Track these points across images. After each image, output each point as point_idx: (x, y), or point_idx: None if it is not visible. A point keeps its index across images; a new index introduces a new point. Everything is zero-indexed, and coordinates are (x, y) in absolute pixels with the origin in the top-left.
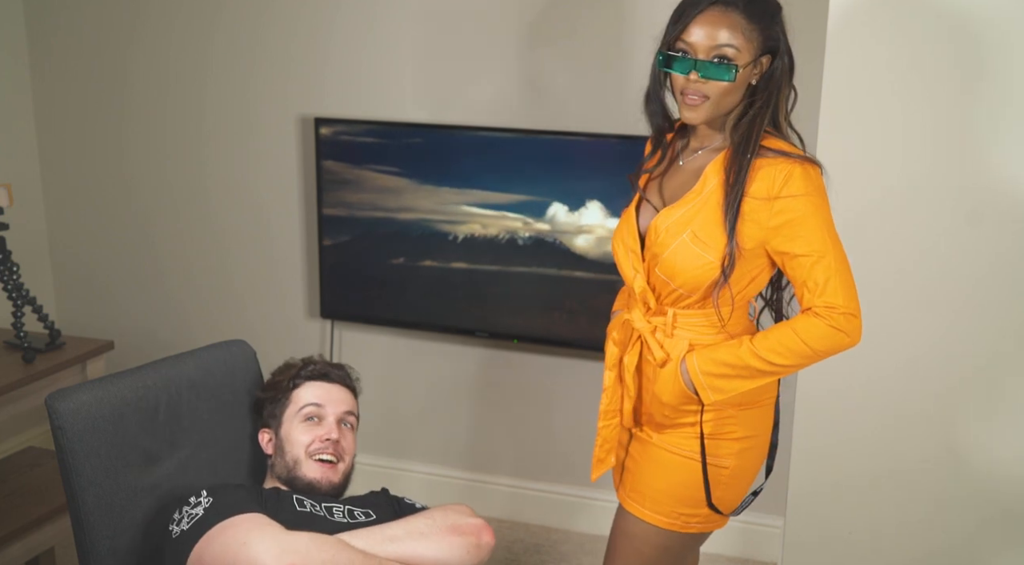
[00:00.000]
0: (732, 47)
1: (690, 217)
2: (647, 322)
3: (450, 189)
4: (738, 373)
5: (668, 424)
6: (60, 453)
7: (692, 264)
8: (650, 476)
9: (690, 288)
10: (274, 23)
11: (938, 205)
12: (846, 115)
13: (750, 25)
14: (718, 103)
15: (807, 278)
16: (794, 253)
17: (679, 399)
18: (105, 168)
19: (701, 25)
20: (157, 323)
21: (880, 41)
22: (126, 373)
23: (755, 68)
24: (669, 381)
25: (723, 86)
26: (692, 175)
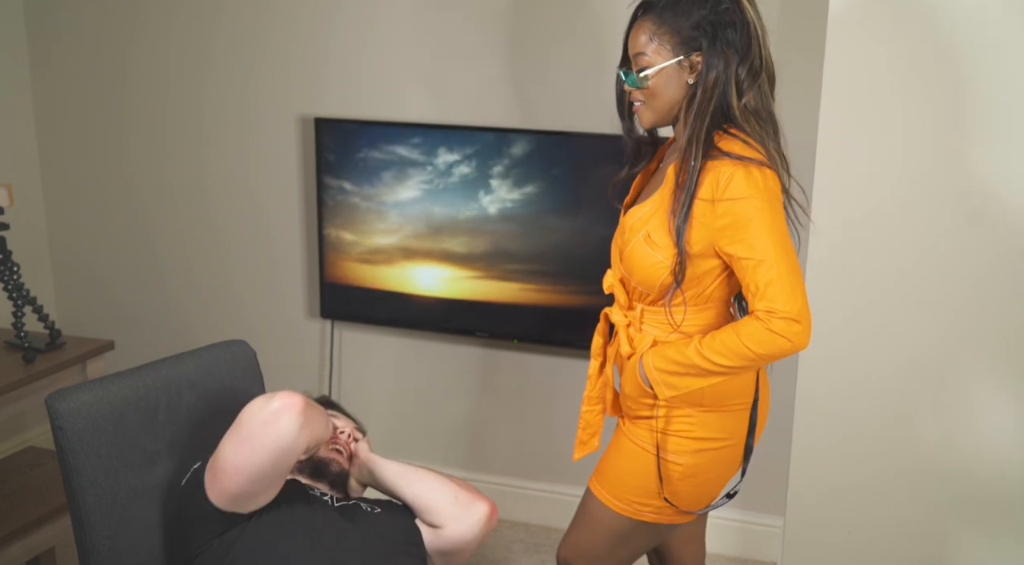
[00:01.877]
0: (643, 55)
1: (647, 217)
2: (623, 316)
3: (450, 189)
4: (687, 371)
5: (631, 415)
6: (60, 453)
7: (643, 263)
8: (614, 460)
9: (646, 286)
10: (274, 23)
11: (938, 205)
12: (846, 115)
13: (660, 29)
14: (653, 107)
15: (749, 281)
16: (737, 256)
17: (637, 392)
18: (105, 168)
19: (630, 38)
20: (157, 323)
21: (880, 41)
22: (126, 373)
23: (683, 68)
24: (631, 374)
25: (646, 91)
26: (659, 180)
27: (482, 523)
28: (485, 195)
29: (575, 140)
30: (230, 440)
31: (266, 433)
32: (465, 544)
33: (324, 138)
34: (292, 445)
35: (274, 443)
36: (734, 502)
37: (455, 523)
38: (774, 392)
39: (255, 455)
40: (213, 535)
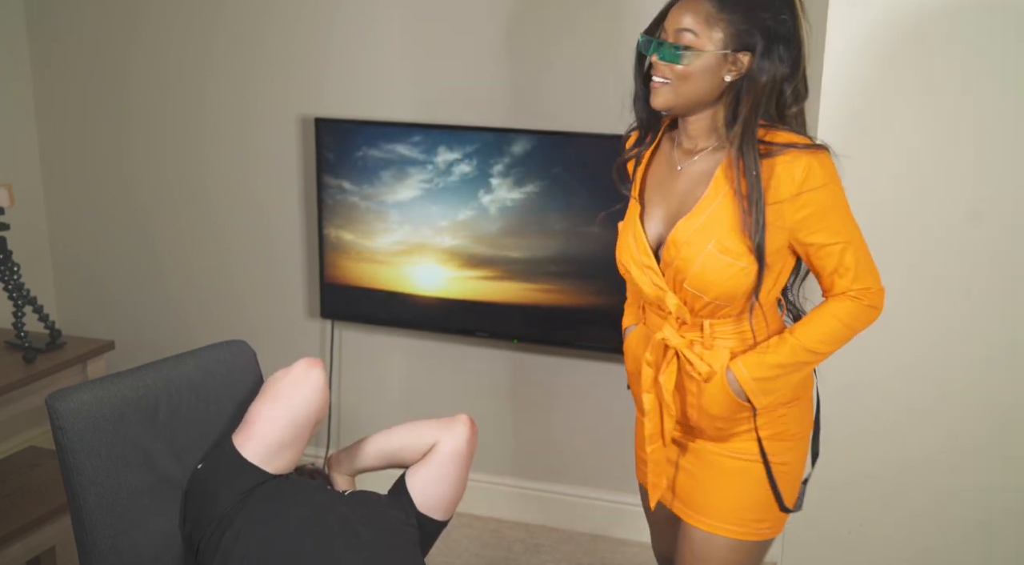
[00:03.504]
0: (690, 32)
1: (709, 226)
2: (682, 337)
3: (450, 188)
4: (787, 371)
5: (723, 436)
6: (61, 453)
7: (724, 275)
8: (715, 487)
9: (727, 299)
10: (274, 23)
11: (938, 205)
12: (846, 115)
13: (719, 15)
14: (676, 89)
15: (838, 265)
16: (821, 243)
17: (730, 410)
18: (106, 168)
19: (674, 10)
20: (157, 323)
21: (880, 41)
22: (126, 373)
23: (727, 62)
24: (717, 394)
25: (679, 70)
26: (697, 181)
27: (468, 424)
28: (485, 194)
29: (576, 139)
30: (264, 399)
31: (298, 386)
32: (463, 448)
33: (324, 137)
34: (322, 396)
35: (308, 393)
36: None
37: (448, 433)
38: None
39: (290, 406)
40: (236, 493)
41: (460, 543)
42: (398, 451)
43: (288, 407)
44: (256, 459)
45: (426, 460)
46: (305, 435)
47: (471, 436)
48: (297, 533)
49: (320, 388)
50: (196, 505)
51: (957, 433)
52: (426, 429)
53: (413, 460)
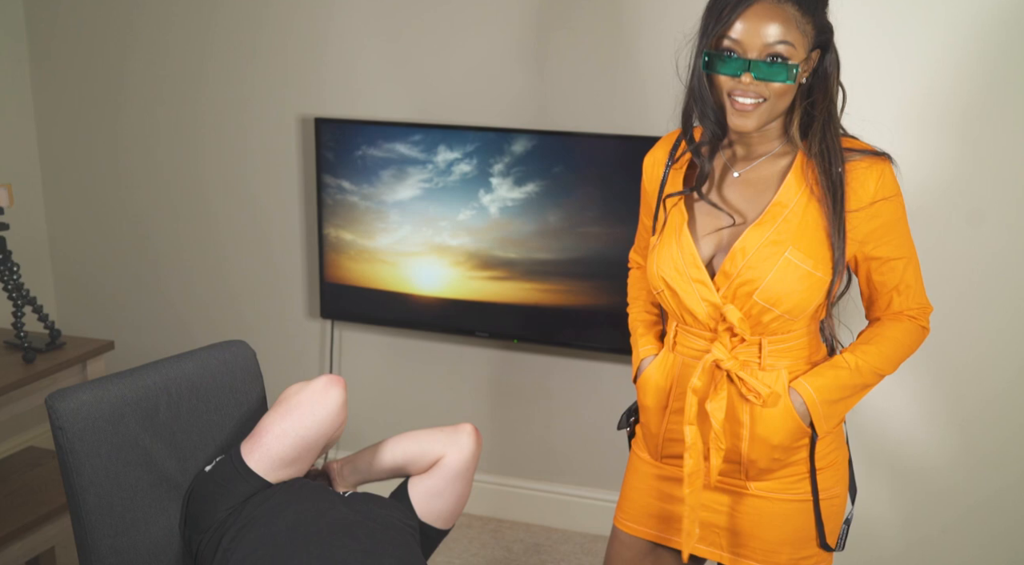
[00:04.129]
0: (787, 44)
1: (783, 233)
2: (735, 358)
3: (450, 187)
4: (850, 393)
5: (776, 468)
6: (60, 453)
7: (801, 285)
8: (759, 529)
9: (798, 312)
10: (274, 23)
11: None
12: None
13: (804, 18)
14: (773, 107)
15: (900, 281)
16: (887, 257)
17: (793, 437)
18: (105, 169)
19: (750, 20)
20: (157, 323)
21: (880, 41)
22: (126, 373)
23: (806, 64)
24: (779, 419)
25: (778, 88)
26: (763, 187)
27: (473, 436)
28: (485, 194)
29: (576, 139)
30: (277, 412)
31: (315, 403)
32: (468, 461)
33: (323, 137)
34: (337, 416)
35: (324, 412)
36: None
37: (452, 447)
38: None
39: (302, 422)
40: (237, 499)
41: (460, 543)
42: (402, 465)
43: (298, 425)
44: (260, 470)
45: (430, 473)
46: (314, 452)
47: (476, 448)
48: (296, 534)
49: (335, 410)
50: (197, 508)
51: (958, 433)
52: (430, 442)
53: (417, 472)
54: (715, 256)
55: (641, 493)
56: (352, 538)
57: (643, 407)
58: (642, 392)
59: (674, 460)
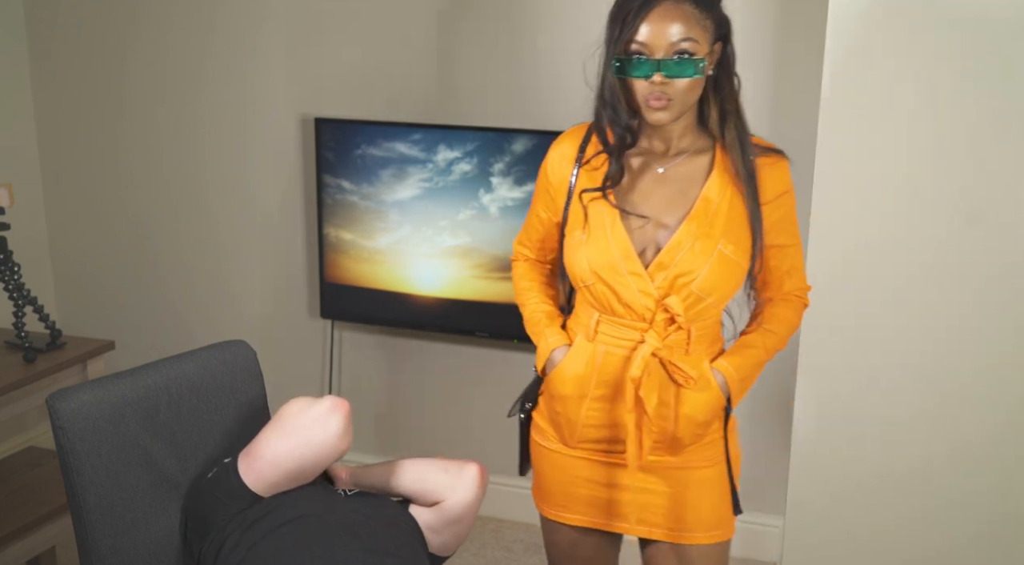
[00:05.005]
0: (691, 40)
1: (714, 227)
2: (663, 345)
3: (450, 187)
4: (757, 370)
5: (696, 441)
6: (61, 453)
7: (732, 274)
8: (699, 499)
9: (726, 299)
10: (274, 23)
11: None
12: (846, 115)
13: (703, 15)
14: (685, 101)
15: (791, 266)
16: (783, 244)
17: (715, 412)
18: (105, 169)
19: (654, 22)
20: (157, 323)
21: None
22: (127, 373)
23: (711, 57)
24: (703, 398)
25: (688, 82)
26: (689, 181)
27: (477, 481)
28: (486, 193)
29: None
30: (275, 432)
31: (314, 430)
32: (468, 507)
33: (323, 137)
34: (336, 445)
35: (321, 440)
36: None
37: (453, 492)
38: (773, 393)
39: (299, 449)
40: (235, 510)
41: None
42: (405, 495)
43: (295, 454)
44: (257, 489)
45: (430, 510)
46: (312, 474)
47: (478, 493)
48: (298, 534)
49: (334, 439)
50: (197, 518)
51: (958, 434)
52: (434, 481)
53: (420, 504)
54: (645, 250)
55: (562, 483)
56: (353, 536)
57: (560, 396)
58: (559, 382)
59: (589, 445)
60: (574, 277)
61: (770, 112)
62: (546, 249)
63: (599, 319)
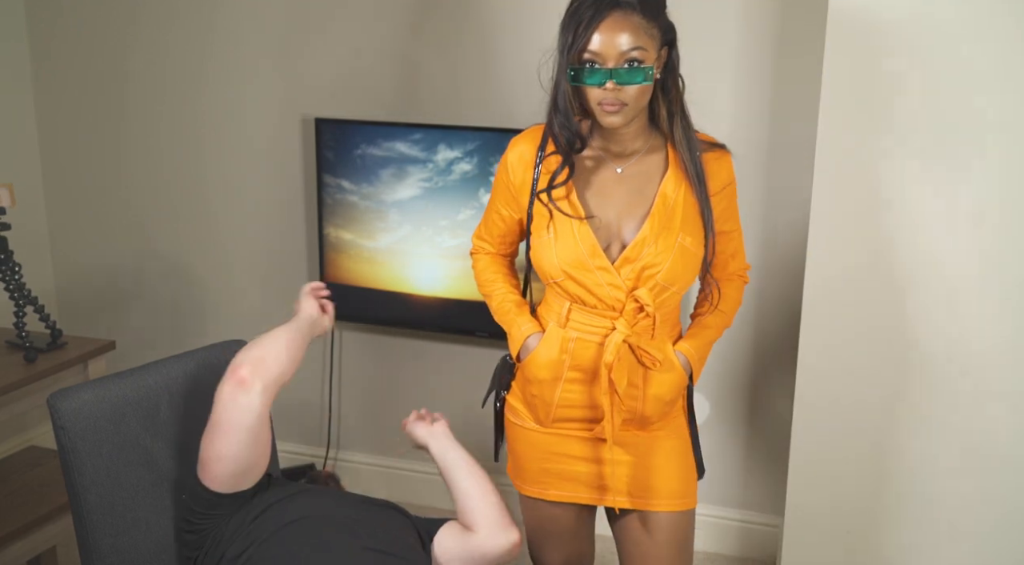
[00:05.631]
0: (640, 49)
1: (673, 221)
2: (631, 331)
3: (450, 186)
4: (710, 348)
5: (662, 416)
6: (62, 452)
7: (692, 264)
8: (668, 468)
9: (687, 286)
10: (274, 23)
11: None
12: (846, 115)
13: (649, 24)
14: (636, 104)
15: (736, 249)
16: (729, 230)
17: (680, 390)
18: (106, 169)
19: (604, 32)
20: (158, 323)
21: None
22: (127, 373)
23: (659, 62)
24: (668, 378)
25: (639, 88)
26: (646, 180)
27: (510, 546)
28: (486, 193)
29: None
30: (207, 432)
31: (231, 416)
32: (487, 557)
33: (323, 137)
34: (258, 416)
35: (240, 422)
36: (734, 502)
37: (489, 534)
38: (774, 393)
39: (230, 437)
40: (223, 516)
41: None
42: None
43: (227, 449)
44: (225, 489)
45: (459, 535)
46: (265, 441)
47: (510, 552)
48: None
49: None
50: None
51: (958, 434)
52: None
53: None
54: (609, 246)
55: (537, 459)
56: (353, 536)
57: (536, 380)
58: (535, 366)
59: (563, 424)
60: (543, 274)
61: (770, 112)
62: (506, 243)
63: (570, 308)
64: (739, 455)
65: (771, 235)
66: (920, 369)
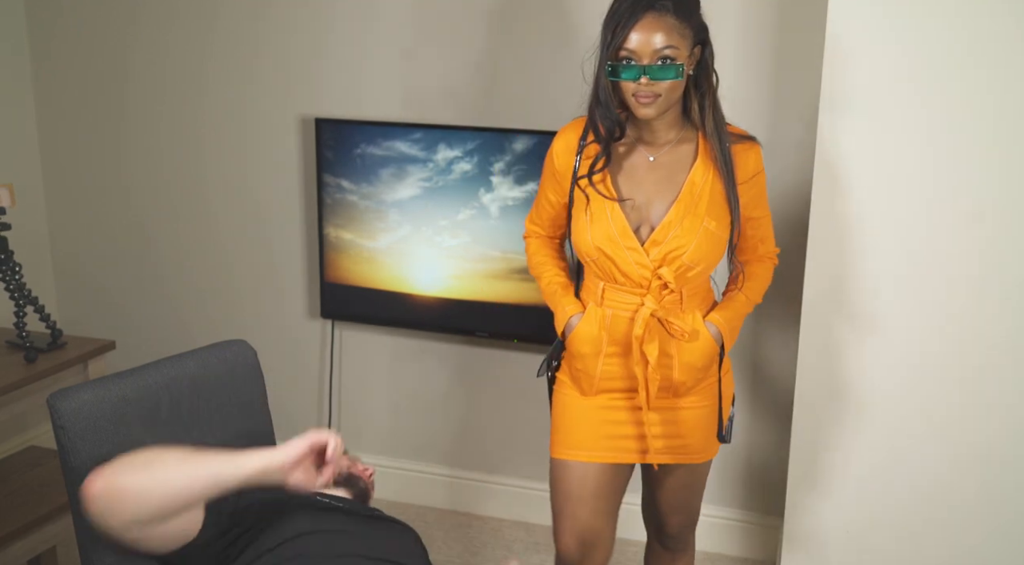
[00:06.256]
0: (672, 47)
1: (699, 207)
2: (661, 307)
3: (450, 186)
4: (742, 320)
5: (697, 384)
6: (62, 452)
7: (716, 246)
8: (689, 433)
9: (712, 266)
10: (274, 23)
11: (939, 205)
12: (846, 115)
13: (682, 24)
14: (668, 98)
15: (765, 234)
16: (759, 216)
17: (711, 359)
18: (106, 169)
19: (639, 32)
20: (158, 323)
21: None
22: (127, 373)
23: (691, 59)
24: (700, 348)
25: (671, 83)
26: (676, 168)
27: None
28: (486, 192)
29: None
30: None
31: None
32: None
33: (323, 136)
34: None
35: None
36: (734, 502)
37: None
38: (773, 393)
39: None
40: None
41: (460, 542)
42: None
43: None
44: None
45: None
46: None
47: None
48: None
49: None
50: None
51: (958, 434)
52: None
53: None
54: (640, 227)
55: (585, 425)
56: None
57: (580, 355)
58: (579, 342)
59: (608, 393)
60: (580, 253)
61: (770, 112)
62: (555, 226)
63: (604, 287)
64: (739, 455)
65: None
66: (920, 369)
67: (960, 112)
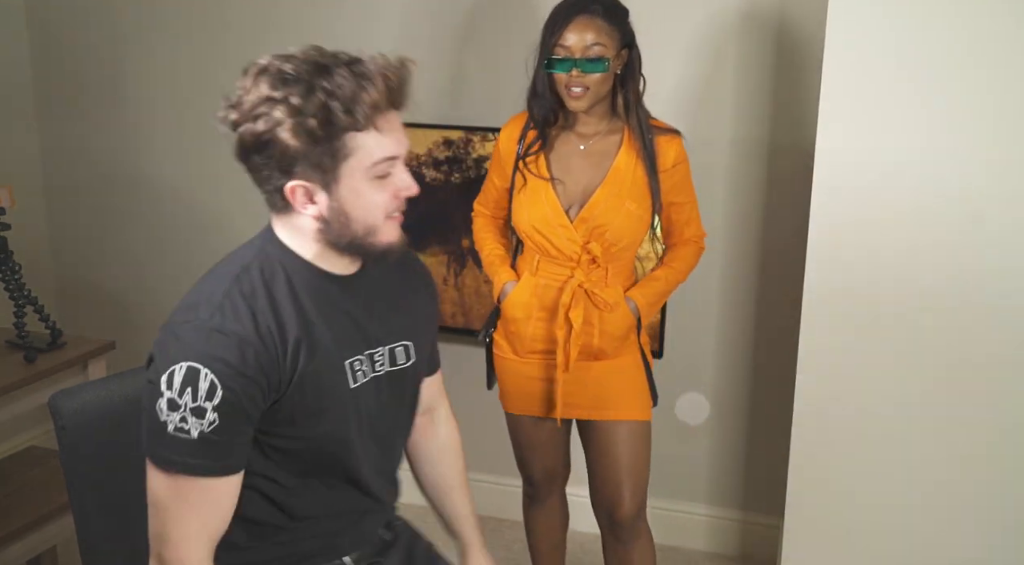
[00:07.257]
0: (600, 46)
1: (622, 190)
2: (588, 278)
3: (450, 186)
4: (663, 297)
5: (614, 353)
6: (62, 452)
7: (636, 226)
8: (624, 388)
9: (634, 244)
10: (274, 23)
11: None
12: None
13: (610, 27)
14: (596, 91)
15: (689, 218)
16: (682, 201)
17: (627, 329)
18: (106, 168)
19: (572, 31)
20: (158, 323)
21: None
22: (128, 373)
23: (618, 60)
24: (619, 319)
25: (598, 77)
26: (603, 156)
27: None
28: None
29: None
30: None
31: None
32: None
33: None
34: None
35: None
36: (734, 502)
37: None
38: (773, 393)
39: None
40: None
41: None
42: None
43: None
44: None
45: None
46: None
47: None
48: None
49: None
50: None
51: (959, 434)
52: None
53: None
54: (570, 208)
55: (518, 384)
56: None
57: (513, 319)
58: (512, 307)
59: (534, 355)
60: (519, 229)
61: (770, 112)
62: (499, 207)
63: (539, 260)
64: (739, 455)
65: (771, 235)
66: (920, 369)
67: (960, 112)
